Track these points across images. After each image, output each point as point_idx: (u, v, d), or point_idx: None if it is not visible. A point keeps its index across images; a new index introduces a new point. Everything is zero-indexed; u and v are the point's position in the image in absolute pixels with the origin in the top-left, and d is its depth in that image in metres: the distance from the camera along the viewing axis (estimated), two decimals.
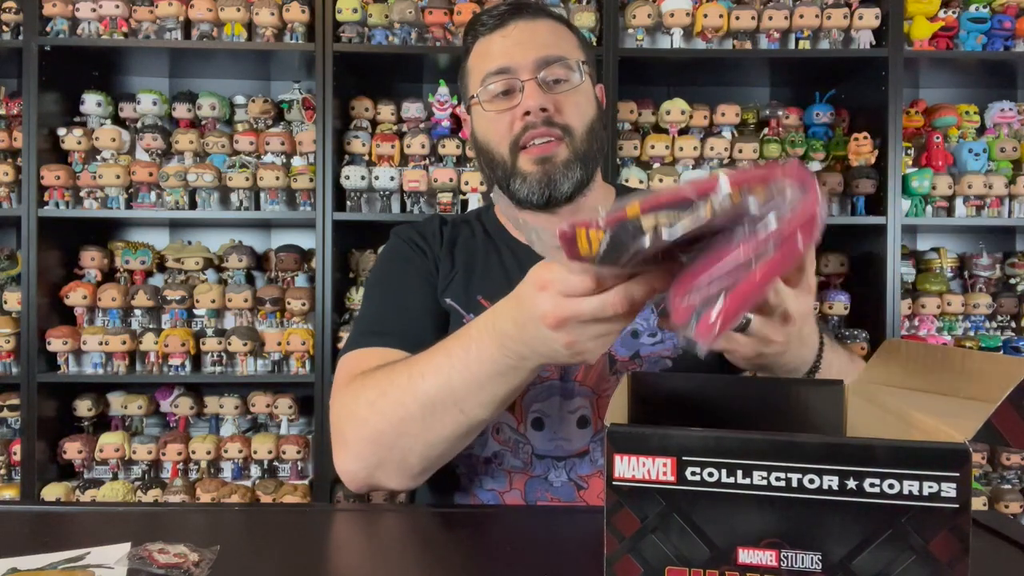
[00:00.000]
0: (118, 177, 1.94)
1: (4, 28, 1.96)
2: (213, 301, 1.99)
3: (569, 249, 0.49)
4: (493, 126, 0.98)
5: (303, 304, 1.98)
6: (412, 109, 2.05)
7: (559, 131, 0.95)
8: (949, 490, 0.36)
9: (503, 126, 0.97)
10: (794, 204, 0.44)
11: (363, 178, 1.96)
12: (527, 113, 0.94)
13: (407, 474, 0.78)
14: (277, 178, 1.96)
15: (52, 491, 1.90)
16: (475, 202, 1.98)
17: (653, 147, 1.99)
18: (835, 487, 0.38)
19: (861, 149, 1.93)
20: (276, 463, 2.02)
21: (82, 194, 1.98)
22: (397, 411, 0.74)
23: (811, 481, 0.38)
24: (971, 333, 2.08)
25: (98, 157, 2.02)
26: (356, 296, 2.03)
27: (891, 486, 0.37)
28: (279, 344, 1.97)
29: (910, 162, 1.99)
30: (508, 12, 0.99)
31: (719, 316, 0.45)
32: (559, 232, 0.50)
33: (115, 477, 2.00)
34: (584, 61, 0.99)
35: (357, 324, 0.97)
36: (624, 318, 0.55)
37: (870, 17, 1.92)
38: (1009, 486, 2.01)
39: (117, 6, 1.93)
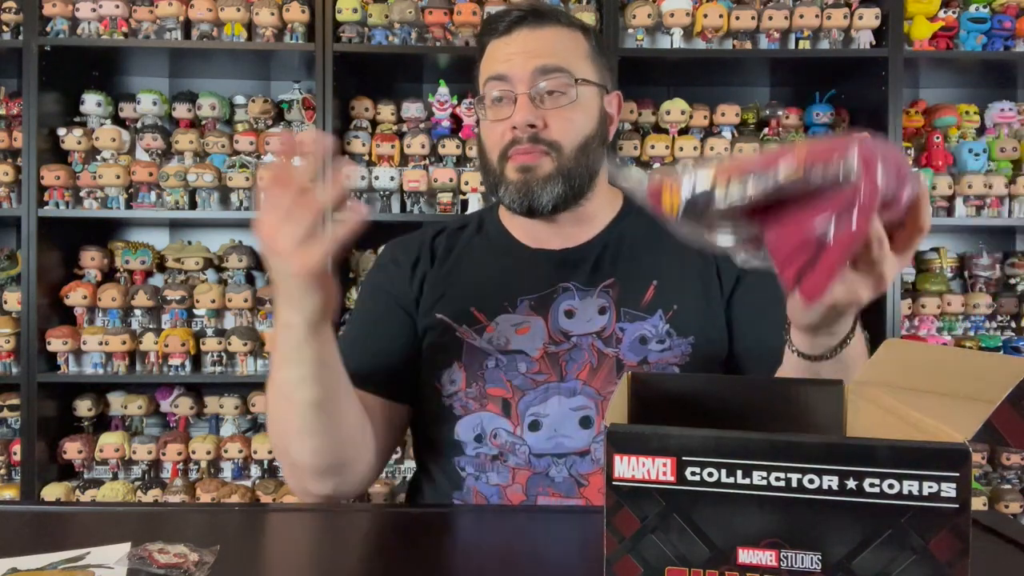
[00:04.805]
0: (118, 177, 1.94)
1: (4, 28, 1.96)
2: (213, 301, 1.99)
3: (656, 203, 0.55)
4: (488, 132, 1.00)
5: None
6: (412, 109, 2.05)
7: (545, 147, 0.95)
8: (949, 490, 0.36)
9: (496, 134, 0.98)
10: (855, 180, 0.50)
11: (363, 178, 1.97)
12: (516, 127, 0.95)
13: (308, 474, 0.86)
14: None
15: (52, 491, 1.90)
16: (475, 202, 1.98)
17: (653, 147, 1.99)
18: (835, 487, 0.38)
19: None
20: (276, 463, 2.02)
21: (82, 194, 1.98)
22: (270, 424, 0.87)
23: (811, 481, 0.38)
24: (971, 333, 2.08)
25: (98, 157, 2.02)
26: (356, 296, 2.03)
27: (891, 486, 0.37)
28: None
29: (910, 162, 1.99)
30: (517, 18, 0.99)
31: (814, 281, 0.53)
32: (648, 188, 0.56)
33: (115, 477, 2.01)
34: (584, 79, 0.98)
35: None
36: (305, 209, 0.67)
37: (870, 17, 1.92)
38: (1009, 486, 2.01)
39: (117, 6, 1.94)
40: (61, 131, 1.99)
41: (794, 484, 0.38)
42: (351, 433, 0.86)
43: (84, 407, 2.00)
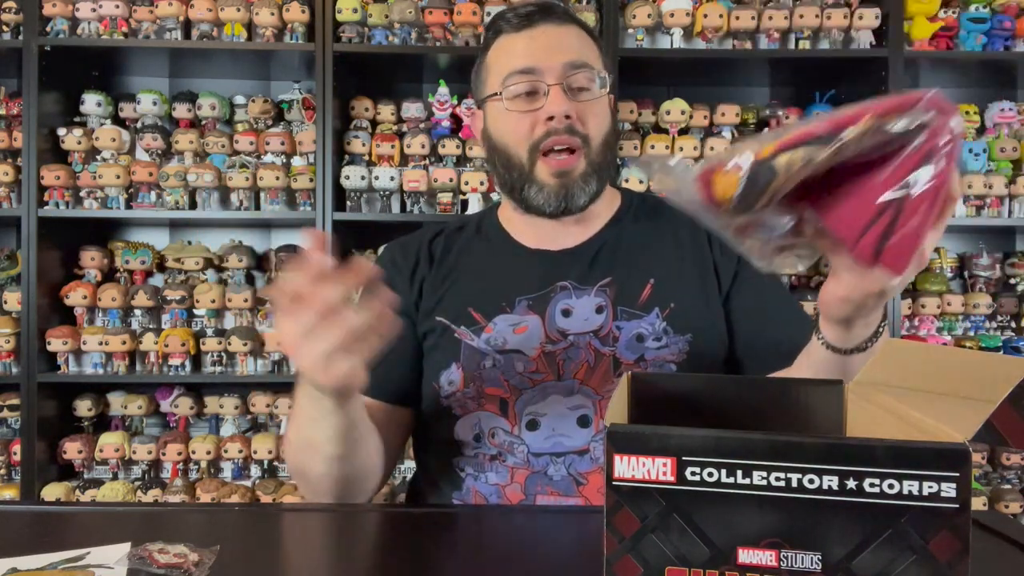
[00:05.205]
0: (118, 177, 1.94)
1: (4, 28, 1.96)
2: (213, 301, 1.99)
3: (707, 193, 0.52)
4: (513, 127, 0.97)
5: None
6: (412, 109, 2.05)
7: (579, 140, 0.95)
8: (949, 490, 0.36)
9: (524, 128, 0.96)
10: (934, 122, 0.48)
11: (363, 178, 1.97)
12: (551, 118, 0.94)
13: (325, 498, 0.87)
14: (277, 178, 1.96)
15: (52, 491, 1.90)
16: (475, 202, 1.98)
17: (653, 147, 1.99)
18: (835, 487, 0.38)
19: None
20: (276, 463, 2.02)
21: (82, 194, 1.98)
22: (291, 464, 0.88)
23: (811, 481, 0.38)
24: (971, 333, 2.08)
25: (98, 157, 2.02)
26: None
27: (891, 486, 0.37)
28: (279, 344, 1.97)
29: None
30: (536, 13, 0.98)
31: (899, 247, 0.50)
32: (699, 175, 0.52)
33: (115, 477, 2.01)
34: (606, 76, 0.99)
35: None
36: (335, 329, 0.61)
37: (870, 17, 1.92)
38: (1009, 486, 2.01)
39: (117, 6, 1.94)
40: (61, 131, 1.99)
41: (794, 484, 0.38)
42: (368, 462, 0.87)
43: (84, 407, 2.00)
